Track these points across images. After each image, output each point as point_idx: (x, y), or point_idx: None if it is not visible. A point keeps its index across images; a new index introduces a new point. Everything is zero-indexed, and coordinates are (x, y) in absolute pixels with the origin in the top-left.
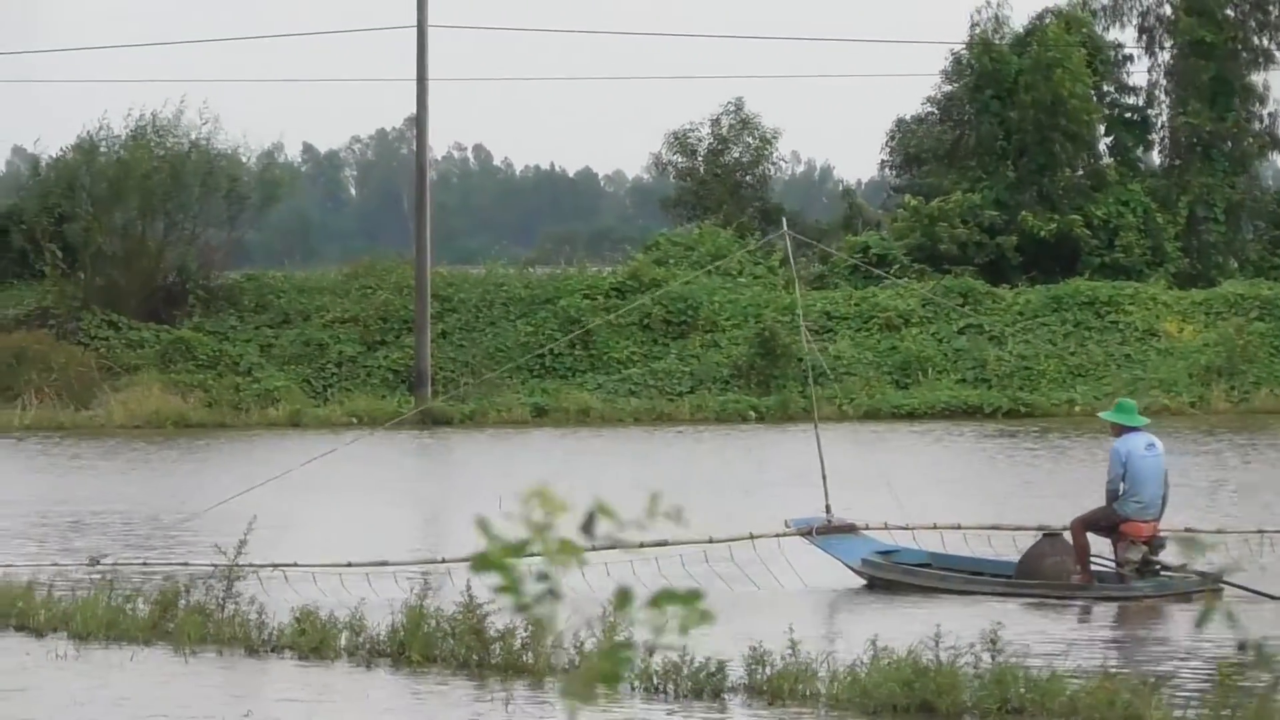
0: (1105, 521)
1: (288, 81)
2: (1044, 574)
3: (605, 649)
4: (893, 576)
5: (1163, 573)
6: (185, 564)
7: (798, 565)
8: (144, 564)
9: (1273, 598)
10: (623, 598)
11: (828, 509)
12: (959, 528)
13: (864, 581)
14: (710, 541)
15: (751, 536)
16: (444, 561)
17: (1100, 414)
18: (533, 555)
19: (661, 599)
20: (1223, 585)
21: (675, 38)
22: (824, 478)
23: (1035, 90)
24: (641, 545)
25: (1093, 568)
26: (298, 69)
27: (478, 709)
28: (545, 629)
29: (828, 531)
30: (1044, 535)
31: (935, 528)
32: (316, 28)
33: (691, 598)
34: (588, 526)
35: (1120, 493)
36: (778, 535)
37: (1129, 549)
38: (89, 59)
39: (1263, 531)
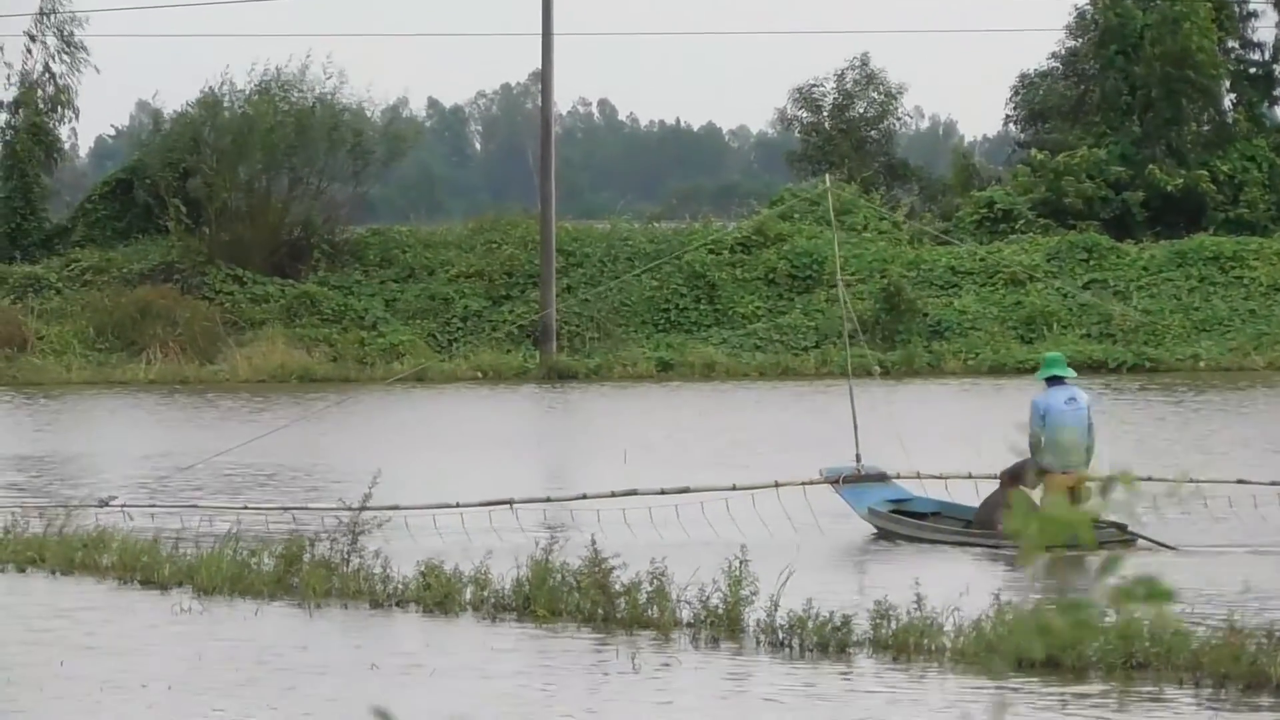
0: (1029, 473)
1: (413, 36)
2: (996, 523)
3: (1067, 604)
4: (887, 525)
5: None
6: (194, 505)
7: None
8: (152, 505)
9: (1171, 548)
10: (1113, 561)
11: (858, 458)
12: (995, 477)
13: (875, 530)
14: (734, 489)
15: (776, 485)
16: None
17: (1036, 377)
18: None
19: (1137, 588)
20: (1134, 536)
21: None
22: (855, 427)
23: (1162, 44)
24: (663, 491)
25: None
26: (423, 23)
27: (604, 663)
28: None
29: (855, 480)
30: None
31: (970, 477)
32: None
33: (1164, 594)
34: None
35: (1041, 445)
36: (803, 484)
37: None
38: (211, 12)
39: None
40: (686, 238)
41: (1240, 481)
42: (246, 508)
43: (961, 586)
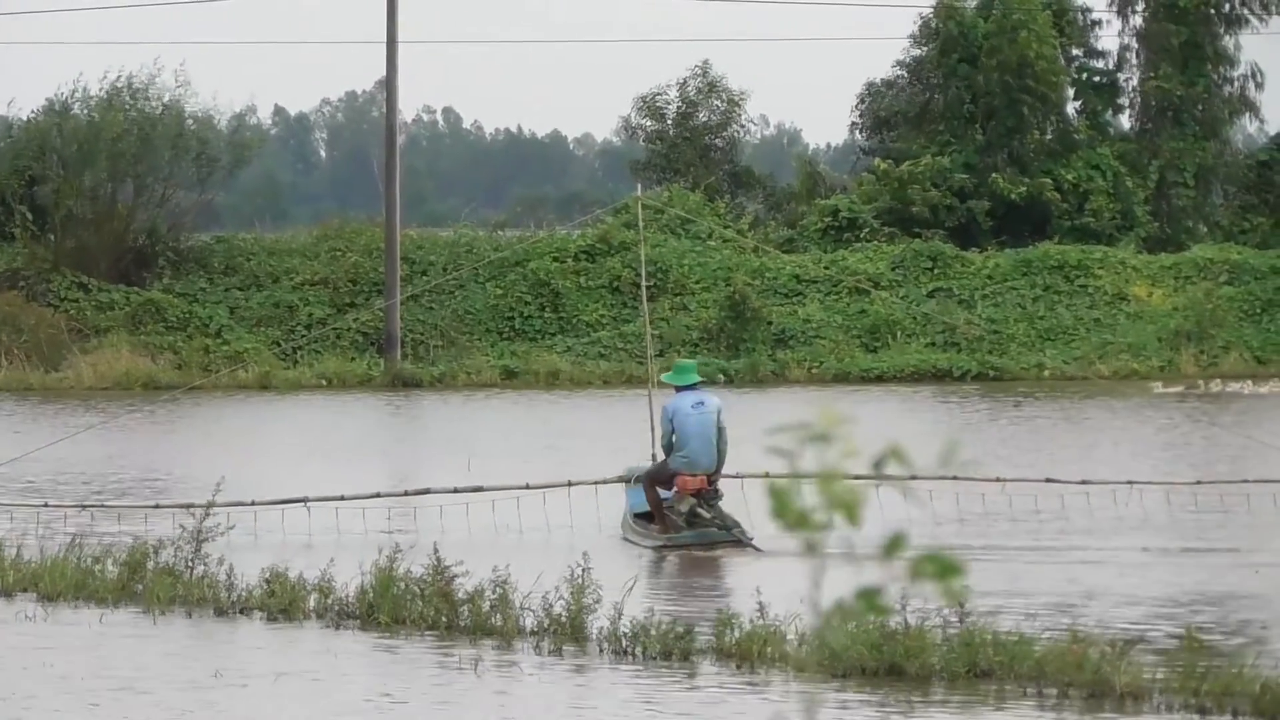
0: (663, 475)
1: (259, 43)
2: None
3: (861, 592)
4: (625, 531)
5: (711, 525)
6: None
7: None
8: None
9: (758, 550)
10: (895, 543)
11: (654, 458)
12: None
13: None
14: (527, 488)
15: (569, 484)
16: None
17: (661, 377)
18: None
19: (926, 562)
20: (740, 539)
21: None
22: (651, 429)
23: (1000, 53)
24: (456, 490)
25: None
26: (270, 31)
27: (446, 670)
28: (814, 553)
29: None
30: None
31: (739, 476)
32: None
33: (954, 569)
34: (879, 465)
35: (672, 448)
36: (595, 483)
37: (679, 501)
38: (64, 20)
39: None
40: (531, 246)
41: (1049, 480)
42: (46, 504)
43: (803, 593)
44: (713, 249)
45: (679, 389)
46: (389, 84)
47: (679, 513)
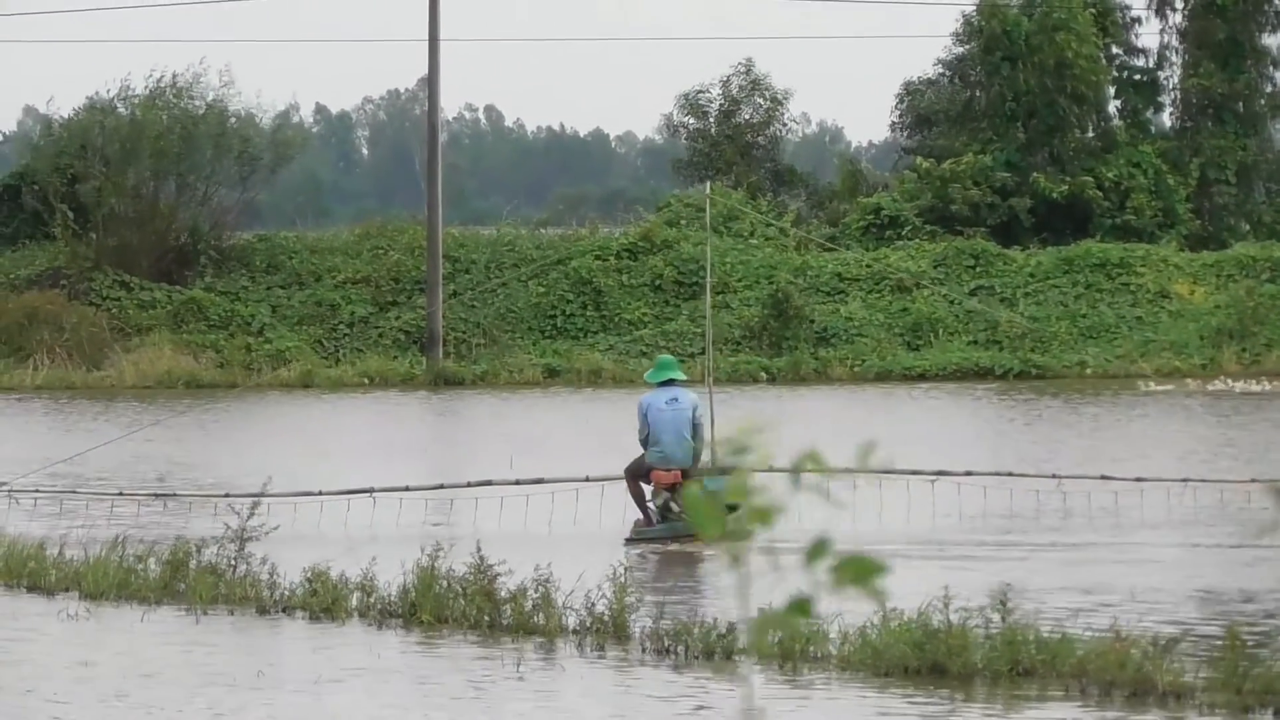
0: (641, 469)
1: (301, 42)
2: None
3: (791, 601)
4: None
5: (681, 519)
6: (74, 490)
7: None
8: (36, 491)
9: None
10: (819, 548)
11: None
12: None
13: None
14: (587, 480)
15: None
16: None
17: (645, 375)
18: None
19: (846, 566)
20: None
21: None
22: (712, 424)
23: (1041, 52)
24: (518, 482)
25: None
26: (312, 29)
27: (489, 669)
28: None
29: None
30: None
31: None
32: None
33: (875, 568)
34: (797, 470)
35: (648, 443)
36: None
37: (655, 495)
38: (103, 19)
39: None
40: (573, 244)
41: (1104, 478)
42: (121, 494)
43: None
44: (754, 247)
45: (656, 385)
46: (431, 82)
47: (655, 507)
